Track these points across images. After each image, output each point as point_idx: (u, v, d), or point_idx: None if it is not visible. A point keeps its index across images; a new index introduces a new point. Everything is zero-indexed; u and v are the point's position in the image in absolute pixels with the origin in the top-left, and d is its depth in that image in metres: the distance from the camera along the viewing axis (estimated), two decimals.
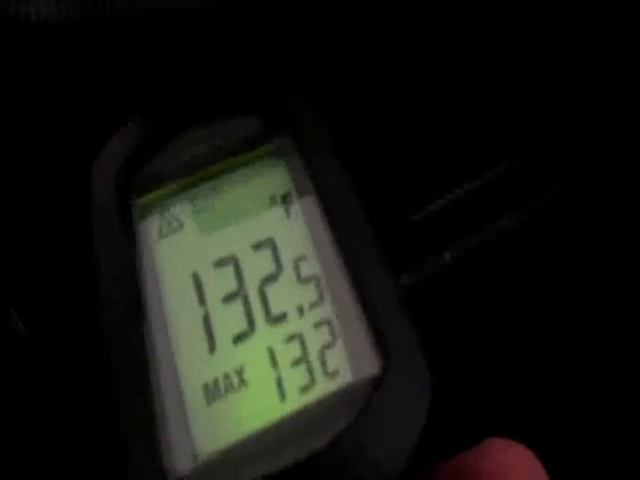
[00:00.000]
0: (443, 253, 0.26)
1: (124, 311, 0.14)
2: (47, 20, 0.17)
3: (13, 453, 0.16)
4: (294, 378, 0.14)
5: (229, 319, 0.14)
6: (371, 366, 0.13)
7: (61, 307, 0.16)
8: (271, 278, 0.15)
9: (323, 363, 0.14)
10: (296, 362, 0.14)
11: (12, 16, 0.17)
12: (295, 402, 0.13)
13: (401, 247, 0.26)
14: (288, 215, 0.16)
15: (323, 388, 0.13)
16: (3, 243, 0.18)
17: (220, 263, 0.15)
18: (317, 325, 0.14)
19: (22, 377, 0.16)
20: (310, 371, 0.14)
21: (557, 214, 0.28)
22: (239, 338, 0.14)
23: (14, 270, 0.18)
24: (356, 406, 0.12)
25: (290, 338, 0.14)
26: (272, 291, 0.15)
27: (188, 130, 0.17)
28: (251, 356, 0.14)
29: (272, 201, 0.16)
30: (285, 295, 0.15)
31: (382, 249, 0.15)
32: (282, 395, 0.13)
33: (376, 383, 0.13)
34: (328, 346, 0.14)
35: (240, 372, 0.14)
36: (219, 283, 0.15)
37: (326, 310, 0.14)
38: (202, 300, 0.15)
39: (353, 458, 0.12)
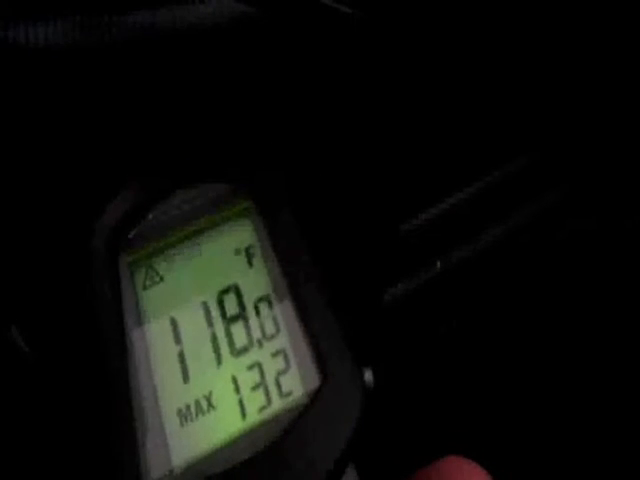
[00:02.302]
0: (434, 262, 0.27)
1: (111, 346, 0.17)
2: (46, 46, 0.19)
3: (12, 465, 0.18)
4: (254, 400, 0.16)
5: (200, 354, 0.17)
6: (315, 386, 0.16)
7: (61, 326, 0.19)
8: (235, 318, 0.18)
9: (278, 386, 0.16)
10: (256, 387, 0.16)
11: (11, 42, 0.19)
12: (254, 420, 0.16)
13: (393, 257, 0.27)
14: (250, 264, 0.19)
15: (278, 406, 0.16)
16: (9, 265, 0.21)
17: (193, 308, 0.18)
18: (274, 355, 0.17)
19: (22, 392, 0.19)
20: (267, 393, 0.16)
21: (548, 224, 0.29)
22: (208, 370, 0.17)
23: (17, 288, 0.20)
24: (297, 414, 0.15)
25: (251, 367, 0.17)
26: (236, 328, 0.17)
27: (167, 198, 0.20)
28: (218, 384, 0.17)
29: (237, 253, 0.19)
30: (247, 331, 0.17)
31: (327, 290, 0.18)
32: (243, 415, 0.16)
33: (314, 397, 0.15)
34: (283, 372, 0.17)
35: (209, 397, 0.16)
36: (192, 325, 0.18)
37: (281, 342, 0.17)
38: (178, 339, 0.17)
39: (290, 457, 0.14)
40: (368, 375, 0.16)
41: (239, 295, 0.18)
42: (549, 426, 0.27)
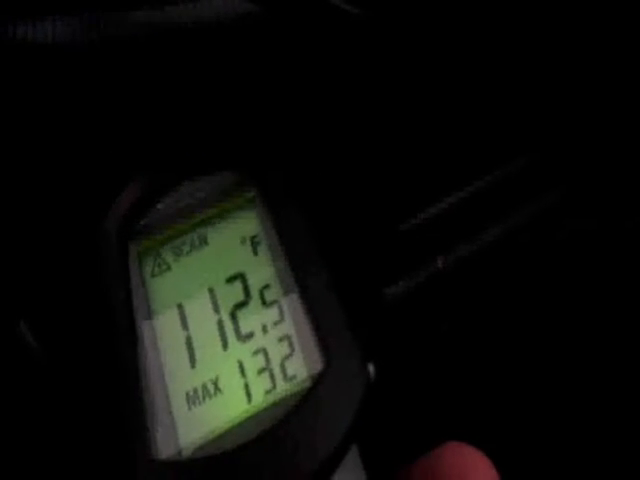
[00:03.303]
0: (435, 260, 0.27)
1: (120, 333, 0.17)
2: (52, 43, 0.19)
3: (16, 460, 0.19)
4: (259, 384, 0.17)
5: (207, 339, 0.18)
6: (319, 369, 0.16)
7: (70, 316, 0.19)
8: (241, 304, 0.18)
9: (283, 370, 0.17)
10: (261, 371, 0.17)
11: (18, 40, 0.19)
12: (260, 403, 0.16)
13: (393, 255, 0.27)
14: (256, 253, 0.19)
15: (283, 390, 0.16)
16: (17, 259, 0.21)
17: (200, 295, 0.18)
18: (279, 340, 0.17)
19: (30, 387, 0.19)
20: (272, 377, 0.17)
21: (548, 224, 0.29)
22: (215, 355, 0.17)
23: (25, 283, 0.21)
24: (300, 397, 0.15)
25: (256, 352, 0.17)
26: (242, 315, 0.18)
27: (174, 189, 0.21)
28: (225, 368, 0.17)
29: (243, 242, 0.19)
30: (252, 317, 0.18)
31: (331, 278, 0.18)
32: (249, 398, 0.16)
33: (318, 380, 0.16)
34: (287, 356, 0.17)
35: (215, 382, 0.17)
36: (199, 311, 0.18)
37: (286, 327, 0.17)
38: (185, 325, 0.18)
39: (292, 439, 0.15)
40: (370, 370, 0.17)
41: (245, 283, 0.18)
42: (548, 414, 0.28)
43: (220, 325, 0.18)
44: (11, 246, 0.22)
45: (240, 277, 0.19)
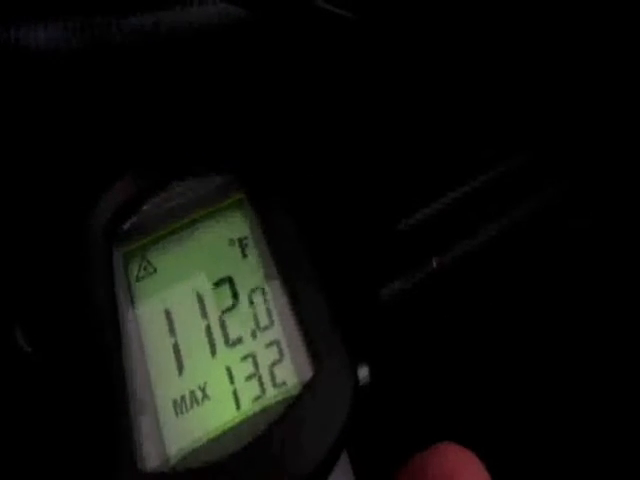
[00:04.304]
0: (430, 260, 0.27)
1: (107, 339, 0.17)
2: (44, 48, 0.19)
3: (8, 465, 0.18)
4: (248, 390, 0.16)
5: (195, 345, 0.17)
6: (309, 375, 0.16)
7: (60, 322, 0.19)
8: (229, 309, 0.18)
9: (272, 376, 0.16)
10: (250, 377, 0.16)
11: (13, 44, 0.19)
12: (248, 410, 0.16)
13: (389, 256, 0.27)
14: (244, 255, 0.19)
15: (272, 396, 0.16)
16: (10, 264, 0.21)
17: (187, 299, 0.18)
18: (268, 345, 0.17)
19: (24, 392, 0.19)
20: (261, 384, 0.16)
21: (543, 222, 0.29)
22: (203, 361, 0.17)
23: (19, 287, 0.20)
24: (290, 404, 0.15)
25: (245, 357, 0.17)
26: (230, 319, 0.18)
27: (162, 190, 0.20)
28: (212, 375, 0.17)
29: (231, 244, 0.19)
30: (241, 322, 0.17)
31: (321, 281, 0.18)
32: (237, 405, 0.16)
33: (307, 387, 0.15)
34: (276, 362, 0.17)
35: (203, 388, 0.16)
36: (186, 316, 0.18)
37: (275, 332, 0.17)
38: (172, 331, 0.17)
39: (282, 446, 0.14)
40: (364, 372, 0.17)
41: (233, 286, 0.18)
42: (541, 415, 0.28)
43: (208, 330, 0.17)
44: (5, 252, 0.22)
45: (228, 280, 0.18)
